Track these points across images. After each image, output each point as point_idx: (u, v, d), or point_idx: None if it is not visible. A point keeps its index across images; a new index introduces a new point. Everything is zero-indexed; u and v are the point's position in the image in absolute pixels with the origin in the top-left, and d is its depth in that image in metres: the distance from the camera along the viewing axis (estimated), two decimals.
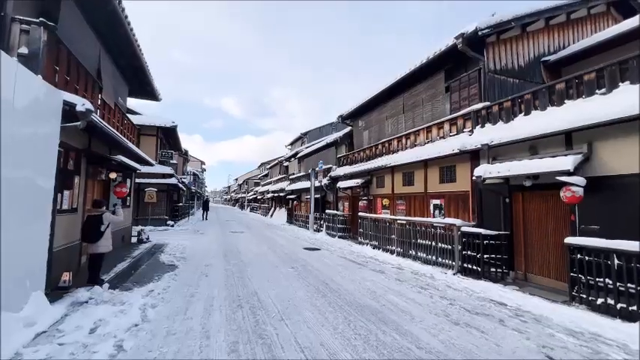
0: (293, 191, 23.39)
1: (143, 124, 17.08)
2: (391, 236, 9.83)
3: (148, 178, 16.63)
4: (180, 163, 29.72)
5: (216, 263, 7.87)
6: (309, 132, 32.29)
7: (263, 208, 35.37)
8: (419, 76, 10.06)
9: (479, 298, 5.44)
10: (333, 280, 6.47)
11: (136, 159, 9.89)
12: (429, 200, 9.18)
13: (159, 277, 6.36)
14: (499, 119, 7.08)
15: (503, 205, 6.84)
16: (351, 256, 9.44)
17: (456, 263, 7.25)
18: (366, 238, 11.32)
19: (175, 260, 8.06)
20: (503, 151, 6.80)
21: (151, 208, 16.36)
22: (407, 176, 10.31)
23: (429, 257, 8.14)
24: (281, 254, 9.45)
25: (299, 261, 8.42)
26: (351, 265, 8.17)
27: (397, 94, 11.44)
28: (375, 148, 12.41)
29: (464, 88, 8.56)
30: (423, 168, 9.47)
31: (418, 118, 10.37)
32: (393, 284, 6.26)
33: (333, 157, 17.76)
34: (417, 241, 8.64)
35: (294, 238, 13.74)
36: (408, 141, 10.35)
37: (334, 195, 16.24)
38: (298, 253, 9.85)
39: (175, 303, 4.80)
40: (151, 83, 10.27)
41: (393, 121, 11.87)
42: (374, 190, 12.41)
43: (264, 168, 46.72)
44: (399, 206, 10.62)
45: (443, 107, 9.23)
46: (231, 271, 7.04)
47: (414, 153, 9.60)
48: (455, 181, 8.29)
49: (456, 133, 8.29)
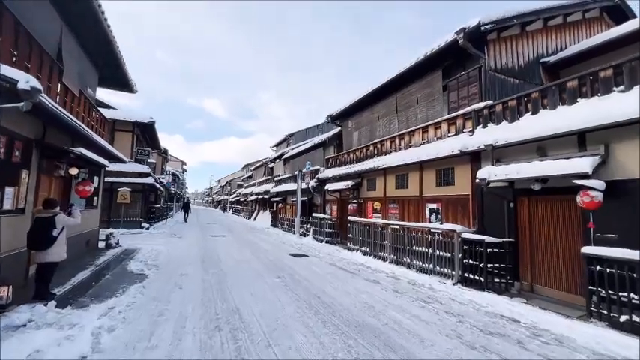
0: (278, 193, 22.58)
1: (117, 119, 15.93)
2: (383, 242, 9.27)
3: (122, 177, 15.44)
4: (158, 163, 28.29)
5: (192, 272, 7.02)
6: (294, 134, 31.63)
7: (246, 210, 34.27)
8: (414, 75, 9.61)
9: (488, 314, 4.90)
10: (324, 292, 5.79)
11: (105, 155, 8.90)
12: (424, 204, 8.69)
13: (124, 289, 5.48)
14: (503, 119, 6.66)
15: (508, 210, 6.40)
16: (341, 264, 8.79)
17: (456, 272, 6.74)
18: (356, 244, 10.72)
19: (146, 268, 7.15)
20: (508, 153, 6.37)
21: (124, 209, 15.15)
22: (400, 179, 9.80)
23: (426, 265, 7.61)
24: (265, 261, 8.69)
25: (285, 269, 7.69)
26: (342, 273, 7.52)
27: (390, 94, 10.96)
28: (367, 149, 11.87)
29: (463, 87, 8.14)
30: (418, 170, 8.98)
31: (412, 118, 9.91)
32: (391, 297, 5.65)
33: (320, 158, 17.14)
34: (413, 248, 8.10)
35: (279, 243, 12.97)
36: (402, 142, 9.86)
37: (322, 198, 15.59)
38: (284, 259, 9.11)
39: (139, 324, 3.99)
40: (123, 70, 9.31)
41: (385, 122, 11.38)
42: (364, 193, 11.85)
43: (248, 170, 45.56)
44: (392, 210, 10.09)
45: (440, 107, 8.79)
46: (210, 281, 6.24)
47: (409, 154, 9.10)
48: (453, 185, 7.83)
49: (455, 134, 7.84)
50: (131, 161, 16.38)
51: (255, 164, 39.28)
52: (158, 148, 23.11)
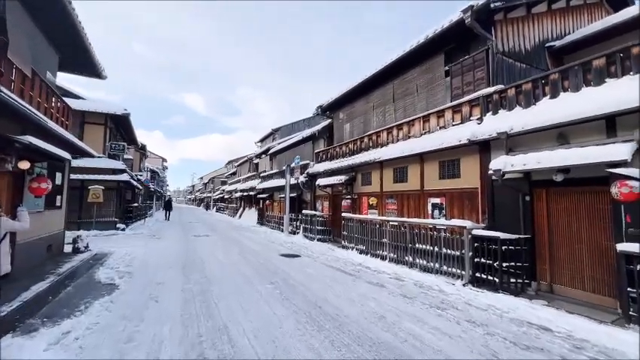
0: (264, 190, 21.65)
1: (87, 111, 14.57)
2: (382, 240, 8.64)
3: (94, 173, 14.16)
4: (136, 159, 26.70)
5: (171, 280, 6.14)
6: (280, 128, 30.71)
7: (231, 208, 33.10)
8: (413, 60, 8.97)
9: (514, 322, 4.32)
10: (326, 300, 5.08)
11: (68, 147, 7.81)
12: (426, 199, 8.10)
13: (87, 305, 4.57)
14: (516, 104, 6.10)
15: (523, 203, 5.86)
16: (337, 264, 8.10)
17: (467, 272, 6.17)
18: (351, 242, 10.06)
19: (117, 277, 6.21)
20: (522, 141, 5.81)
21: (96, 209, 13.88)
22: (399, 172, 9.18)
23: (431, 265, 7.03)
24: (255, 264, 7.88)
25: (278, 273, 6.93)
26: (341, 276, 6.83)
27: (386, 82, 10.29)
28: (360, 141, 11.19)
29: (468, 72, 7.55)
30: (418, 162, 8.37)
31: (411, 107, 9.28)
32: (401, 303, 5.00)
33: (310, 152, 16.35)
34: (415, 246, 7.51)
35: (268, 242, 12.15)
36: (400, 132, 9.23)
37: (312, 193, 14.85)
38: (275, 261, 8.33)
39: (100, 355, 3.14)
40: (89, 52, 8.18)
41: (380, 112, 10.72)
42: (358, 187, 11.19)
43: (232, 166, 44.18)
44: (390, 206, 9.47)
45: (442, 94, 8.19)
46: (192, 291, 5.39)
47: (408, 146, 8.47)
48: (459, 177, 7.26)
49: (461, 122, 7.26)
50: (104, 156, 15.08)
51: (240, 160, 38.04)
52: (135, 143, 21.64)
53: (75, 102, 14.51)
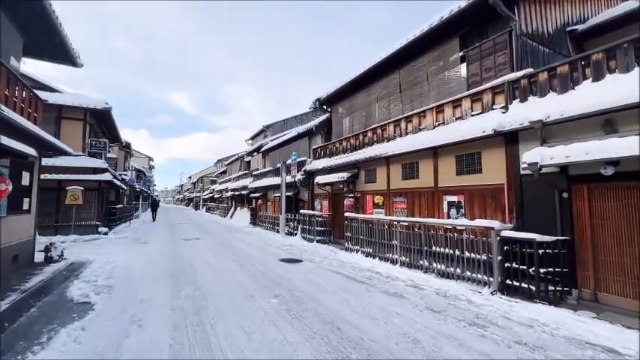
0: (257, 189, 20.75)
1: (64, 105, 13.38)
2: (392, 242, 7.93)
3: (72, 173, 13.02)
4: (120, 158, 25.34)
5: (159, 295, 5.27)
6: (272, 125, 29.75)
7: (221, 208, 32.00)
8: (423, 46, 8.26)
9: (570, 341, 3.65)
10: (344, 318, 4.31)
11: (34, 142, 6.81)
12: (441, 197, 7.42)
13: (51, 335, 3.68)
14: (549, 90, 5.44)
15: (560, 201, 5.21)
16: (344, 270, 7.35)
17: (495, 279, 5.50)
18: (356, 244, 9.33)
19: (93, 293, 5.30)
20: (559, 131, 5.16)
21: (75, 211, 12.74)
22: (408, 168, 8.47)
23: (450, 270, 6.35)
24: (253, 271, 7.06)
25: (281, 282, 6.13)
26: (352, 285, 6.08)
27: (391, 71, 9.57)
28: (363, 135, 10.44)
29: (487, 57, 6.88)
30: (431, 157, 7.68)
31: (421, 97, 8.58)
32: (431, 320, 4.28)
33: (306, 149, 15.54)
34: (431, 249, 6.82)
35: (264, 245, 11.31)
36: (410, 125, 8.51)
37: (309, 192, 14.05)
38: (276, 267, 7.52)
39: None
40: (60, 35, 7.16)
41: (384, 104, 10.00)
42: (362, 185, 10.46)
43: (222, 164, 42.95)
44: (398, 205, 8.76)
45: (457, 82, 7.51)
46: (183, 310, 4.55)
47: (420, 139, 7.77)
48: (480, 172, 6.59)
49: (481, 112, 6.58)
50: (83, 155, 13.94)
51: (230, 158, 36.89)
52: (118, 140, 20.37)
53: (50, 95, 13.31)
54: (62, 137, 13.56)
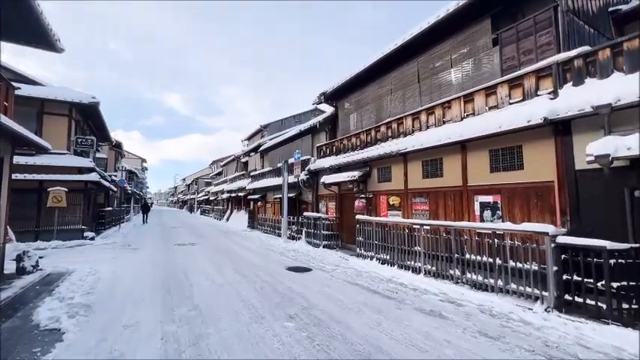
0: (255, 190, 19.79)
1: (47, 99, 12.29)
2: (414, 248, 7.06)
3: (55, 172, 11.93)
4: (111, 158, 24.22)
5: (147, 317, 4.31)
6: (269, 124, 28.86)
7: (217, 210, 30.88)
8: (446, 30, 7.44)
9: None
10: (381, 348, 3.40)
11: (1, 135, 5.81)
12: (471, 197, 6.56)
13: None
14: (612, 70, 4.62)
15: (631, 201, 4.37)
16: (362, 281, 6.45)
17: (550, 293, 4.64)
18: (369, 250, 8.44)
19: (67, 316, 4.31)
20: (627, 118, 4.33)
21: (58, 215, 11.67)
22: (431, 165, 7.61)
23: (489, 281, 5.48)
24: (259, 283, 6.12)
25: (294, 298, 5.19)
26: (378, 300, 5.17)
27: (408, 60, 8.73)
28: (376, 130, 9.57)
29: (526, 38, 6.06)
30: (459, 152, 6.84)
31: (443, 87, 7.75)
32: (491, 350, 3.39)
33: (308, 147, 14.64)
34: (464, 257, 5.95)
35: (266, 251, 10.36)
36: (431, 117, 7.67)
37: (314, 193, 13.13)
38: (283, 278, 6.59)
39: None
40: (34, 13, 6.16)
41: (399, 96, 9.15)
42: (374, 185, 9.58)
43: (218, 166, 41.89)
44: (418, 206, 7.89)
45: (489, 67, 6.69)
46: (178, 340, 3.59)
47: (445, 132, 6.93)
48: (520, 168, 5.75)
49: (522, 99, 5.75)
50: (68, 153, 12.85)
51: (226, 159, 35.86)
52: (108, 139, 19.20)
53: (32, 88, 12.26)
54: (45, 134, 12.48)
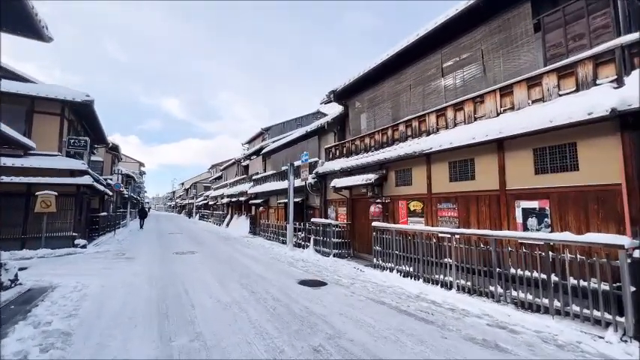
0: (258, 194, 18.97)
1: (37, 96, 11.48)
2: (443, 260, 6.25)
3: (44, 175, 11.08)
4: (107, 162, 23.36)
5: (139, 351, 3.47)
6: (271, 127, 28.24)
7: (217, 215, 29.97)
8: (476, 18, 6.72)
9: None
10: None
11: None
12: (511, 202, 5.78)
13: None
14: None
15: None
16: (389, 299, 5.63)
17: (628, 319, 3.83)
18: (388, 260, 7.64)
19: (38, 349, 3.47)
20: None
21: (47, 221, 10.81)
22: (460, 167, 6.84)
23: (541, 302, 4.67)
24: (270, 302, 5.28)
25: (315, 323, 4.36)
26: (414, 325, 4.35)
27: (429, 52, 8.01)
28: (393, 130, 8.82)
29: (576, 21, 5.34)
30: (494, 152, 6.07)
31: (472, 80, 7.01)
32: None
33: (315, 149, 13.88)
34: (507, 272, 5.15)
35: (273, 260, 9.52)
36: (459, 114, 6.92)
37: (322, 198, 12.32)
38: (297, 296, 5.75)
39: None
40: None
41: (419, 92, 8.41)
42: (391, 189, 8.79)
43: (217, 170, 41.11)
44: (444, 212, 7.10)
45: (529, 56, 5.94)
46: None
47: (477, 130, 6.17)
48: (574, 169, 4.98)
49: (576, 89, 4.99)
50: (59, 155, 12.03)
51: (225, 163, 35.10)
52: (104, 141, 18.35)
53: (21, 85, 11.47)
54: (35, 135, 11.69)
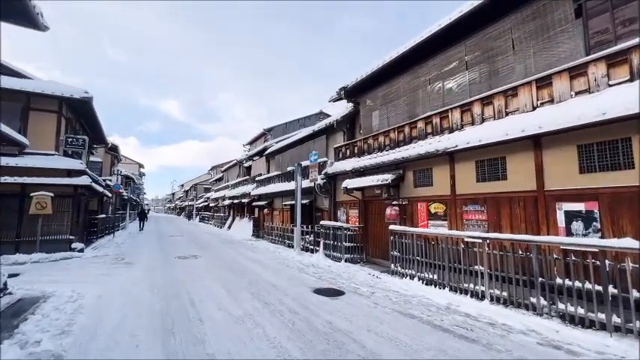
0: (261, 196, 18.43)
1: (33, 92, 10.95)
2: (473, 267, 5.71)
3: (40, 175, 10.53)
4: (106, 162, 22.81)
5: None
6: (273, 128, 27.76)
7: (217, 217, 29.39)
8: (505, 6, 6.22)
9: None
10: None
11: None
12: (551, 204, 5.25)
13: None
14: None
15: None
16: (416, 310, 5.08)
17: None
18: (408, 266, 7.10)
19: None
20: None
21: (42, 223, 10.25)
22: (488, 166, 6.32)
23: (596, 317, 4.13)
24: (287, 316, 4.73)
25: (344, 342, 3.81)
26: (455, 345, 3.80)
27: (451, 44, 7.51)
28: (411, 127, 8.30)
29: (625, 5, 4.83)
30: (531, 149, 5.55)
31: (501, 73, 6.49)
32: None
33: (322, 149, 13.35)
34: (555, 282, 4.62)
35: (282, 266, 8.97)
36: (488, 109, 6.40)
37: (331, 199, 11.79)
38: (317, 308, 5.19)
39: None
40: None
41: (439, 86, 7.89)
42: (409, 190, 8.26)
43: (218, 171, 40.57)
44: (471, 215, 6.57)
45: (568, 45, 5.43)
46: None
47: (511, 125, 5.65)
48: (630, 167, 4.45)
49: (629, 78, 4.48)
50: (56, 154, 11.49)
51: (227, 164, 34.58)
52: (103, 141, 17.78)
53: (15, 81, 10.94)
54: (31, 132, 11.17)
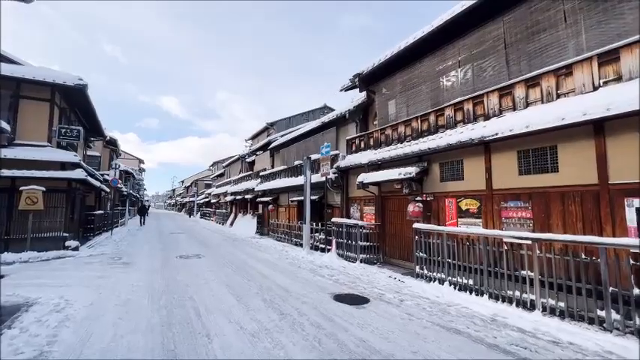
0: (266, 192, 17.69)
1: (23, 78, 10.16)
2: (521, 272, 4.96)
3: (31, 168, 9.77)
4: (105, 157, 22.03)
5: None
6: (276, 122, 27.02)
7: (219, 214, 28.66)
8: None
9: None
10: None
11: None
12: (616, 200, 4.49)
13: None
14: None
15: None
16: (459, 323, 4.34)
17: None
18: (436, 270, 6.36)
19: None
20: None
21: (33, 219, 9.51)
22: (534, 156, 5.55)
23: None
24: (311, 332, 3.99)
25: None
26: None
27: (487, 20, 6.71)
28: (436, 115, 7.51)
29: None
30: (591, 137, 4.78)
31: (548, 50, 5.69)
32: None
33: (331, 142, 12.56)
34: (632, 293, 3.87)
35: (292, 267, 8.23)
36: (534, 91, 5.61)
37: (342, 195, 11.02)
38: (343, 321, 4.45)
39: None
40: None
41: (470, 69, 7.09)
42: (434, 185, 7.50)
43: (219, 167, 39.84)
44: (512, 212, 5.81)
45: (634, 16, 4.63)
46: None
47: (566, 108, 4.87)
48: None
49: None
50: (49, 145, 10.72)
51: (228, 160, 33.82)
52: (100, 133, 16.93)
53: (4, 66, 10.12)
54: (22, 122, 10.44)
